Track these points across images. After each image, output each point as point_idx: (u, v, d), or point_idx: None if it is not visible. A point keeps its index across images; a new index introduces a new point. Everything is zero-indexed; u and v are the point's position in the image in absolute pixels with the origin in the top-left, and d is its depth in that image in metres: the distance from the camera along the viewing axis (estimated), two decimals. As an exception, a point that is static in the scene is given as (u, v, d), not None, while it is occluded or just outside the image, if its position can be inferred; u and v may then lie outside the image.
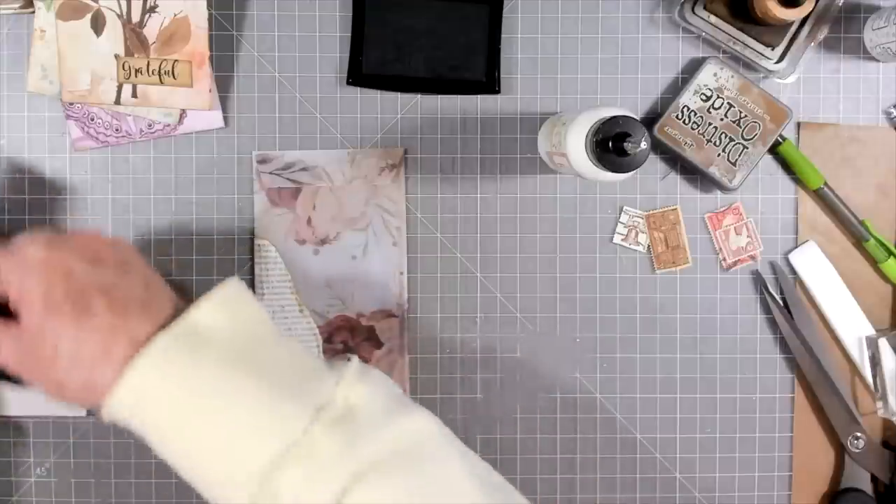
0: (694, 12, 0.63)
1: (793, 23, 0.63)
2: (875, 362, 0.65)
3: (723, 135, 0.63)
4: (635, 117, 0.51)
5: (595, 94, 0.65)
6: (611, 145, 0.51)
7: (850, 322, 0.65)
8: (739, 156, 0.63)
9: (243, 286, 0.44)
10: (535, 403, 0.66)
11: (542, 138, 0.63)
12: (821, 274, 0.65)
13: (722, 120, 0.63)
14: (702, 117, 0.63)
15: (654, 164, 0.65)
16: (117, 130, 0.64)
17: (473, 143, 0.65)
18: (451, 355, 0.65)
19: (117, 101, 0.63)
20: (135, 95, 0.63)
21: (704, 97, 0.63)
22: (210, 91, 0.63)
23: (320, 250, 0.64)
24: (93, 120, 0.63)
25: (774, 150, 0.65)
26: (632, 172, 0.52)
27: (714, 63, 0.63)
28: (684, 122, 0.63)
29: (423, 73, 0.64)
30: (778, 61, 0.64)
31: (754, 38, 0.64)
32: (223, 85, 0.64)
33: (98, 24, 0.62)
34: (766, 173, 0.65)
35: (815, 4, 0.61)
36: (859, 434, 0.64)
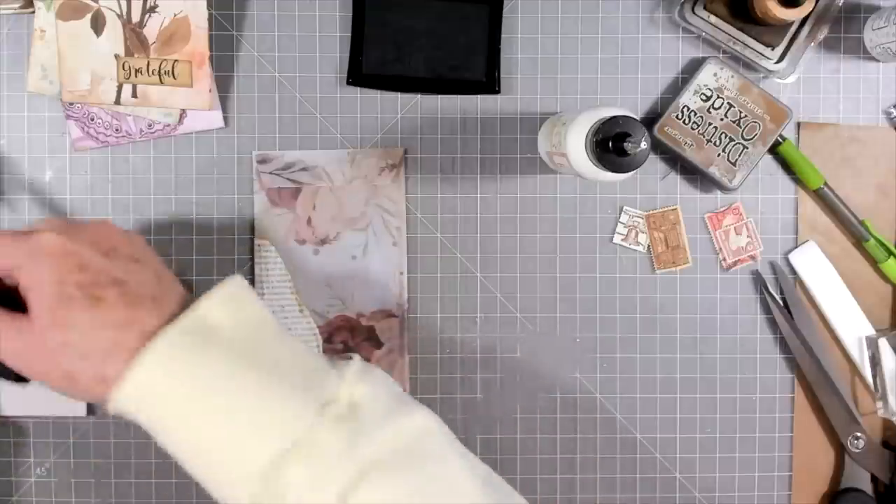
0: (694, 12, 0.63)
1: (793, 23, 0.63)
2: (875, 362, 0.65)
3: (723, 135, 0.63)
4: (635, 117, 0.51)
5: (595, 94, 0.65)
6: (611, 145, 0.51)
7: (850, 322, 0.65)
8: (739, 156, 0.63)
9: (246, 283, 0.44)
10: (535, 403, 0.66)
11: (542, 138, 0.63)
12: (821, 274, 0.65)
13: (722, 120, 0.63)
14: (702, 117, 0.63)
15: (654, 164, 0.65)
16: (117, 130, 0.64)
17: (473, 143, 0.65)
18: (451, 355, 0.65)
19: (117, 101, 0.63)
20: (135, 95, 0.63)
21: (704, 97, 0.63)
22: (210, 91, 0.63)
23: (320, 250, 0.64)
24: (93, 120, 0.63)
25: (774, 150, 0.65)
26: (632, 172, 0.52)
27: (714, 63, 0.63)
28: (684, 122, 0.63)
29: (423, 73, 0.64)
30: (778, 61, 0.64)
31: (754, 38, 0.64)
32: (223, 85, 0.64)
33: (98, 24, 0.62)
34: (766, 173, 0.65)
35: (815, 4, 0.61)
36: (859, 434, 0.64)
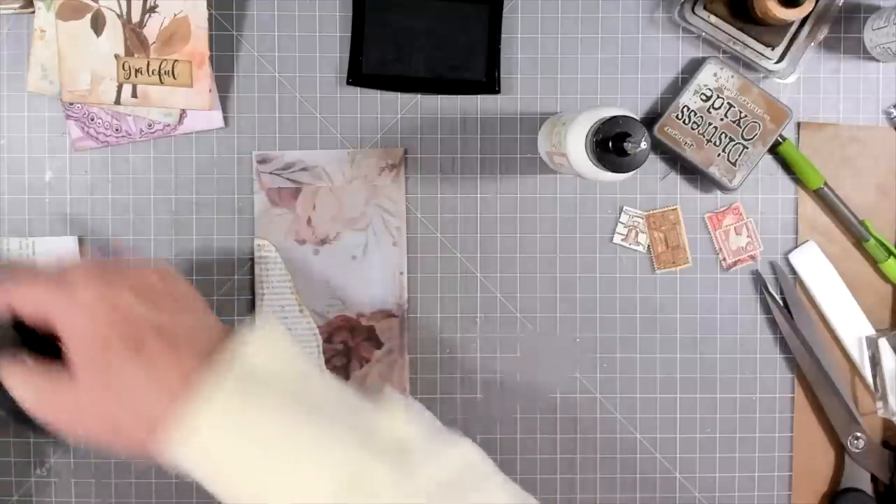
0: (694, 12, 0.63)
1: (793, 23, 0.63)
2: (875, 362, 0.64)
3: (723, 135, 0.63)
4: (635, 117, 0.51)
5: (595, 94, 0.65)
6: (611, 145, 0.51)
7: (850, 322, 0.65)
8: (739, 156, 0.63)
9: (281, 325, 0.44)
10: (535, 403, 0.66)
11: (542, 138, 0.63)
12: (821, 274, 0.65)
13: (722, 120, 0.63)
14: (702, 117, 0.63)
15: (654, 164, 0.65)
16: (117, 130, 0.64)
17: (473, 143, 0.65)
18: (451, 355, 0.65)
19: (117, 101, 0.63)
20: (135, 95, 0.63)
21: (704, 97, 0.63)
22: (210, 91, 0.63)
23: (320, 250, 0.64)
24: (93, 120, 0.63)
25: (774, 150, 0.65)
26: (632, 172, 0.52)
27: (714, 63, 0.63)
28: (684, 122, 0.63)
29: (423, 73, 0.64)
30: (778, 61, 0.64)
31: (754, 38, 0.64)
32: (223, 85, 0.64)
33: (98, 24, 0.62)
34: (766, 173, 0.65)
35: (815, 4, 0.61)
36: (859, 434, 0.64)
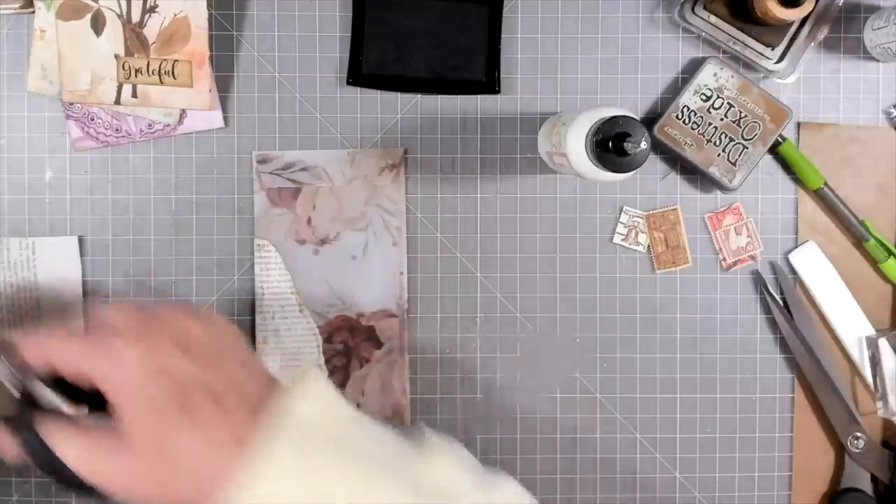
0: (694, 12, 0.63)
1: (793, 23, 0.63)
2: (875, 362, 0.64)
3: (723, 135, 0.63)
4: (635, 117, 0.51)
5: (595, 94, 0.65)
6: (611, 145, 0.51)
7: (850, 322, 0.65)
8: (739, 156, 0.63)
9: (321, 372, 0.44)
10: (535, 403, 0.66)
11: (542, 138, 0.63)
12: (821, 274, 0.65)
13: (722, 120, 0.63)
14: (702, 117, 0.63)
15: (654, 164, 0.65)
16: (117, 130, 0.64)
17: (473, 143, 0.65)
18: (451, 355, 0.65)
19: (117, 101, 0.63)
20: (135, 95, 0.63)
21: (704, 97, 0.63)
22: (210, 91, 0.63)
23: (320, 250, 0.64)
24: (93, 120, 0.63)
25: (774, 150, 0.65)
26: (632, 172, 0.52)
27: (714, 63, 0.63)
28: (684, 122, 0.63)
29: (423, 73, 0.64)
30: (778, 61, 0.64)
31: (754, 38, 0.64)
32: (223, 85, 0.64)
33: (98, 24, 0.62)
34: (766, 173, 0.65)
35: (815, 4, 0.61)
36: (859, 434, 0.64)
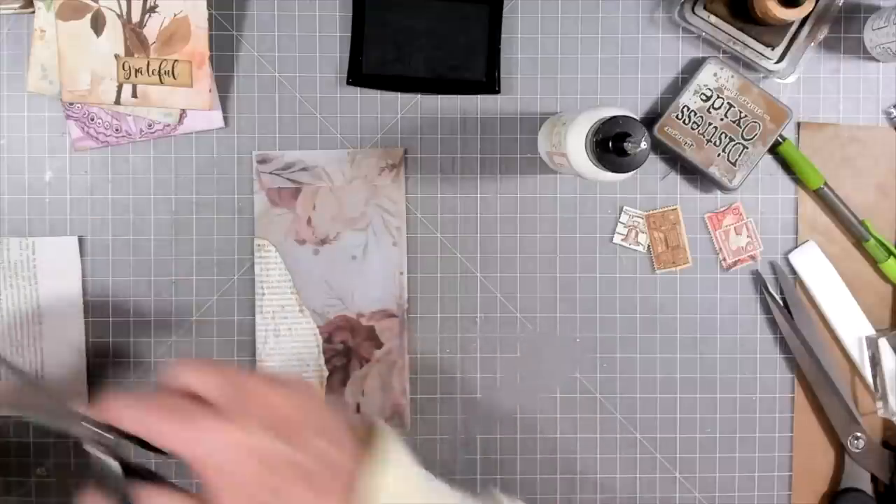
0: (694, 12, 0.63)
1: (793, 23, 0.63)
2: (875, 362, 0.64)
3: (723, 135, 0.63)
4: (635, 117, 0.51)
5: (595, 94, 0.65)
6: (611, 145, 0.51)
7: (850, 322, 0.65)
8: (739, 156, 0.63)
9: (401, 440, 0.45)
10: (535, 403, 0.66)
11: (542, 138, 0.63)
12: (821, 274, 0.65)
13: (722, 120, 0.63)
14: (702, 117, 0.63)
15: (654, 164, 0.65)
16: (117, 130, 0.64)
17: (473, 143, 0.65)
18: (451, 355, 0.65)
19: (117, 101, 0.63)
20: (135, 95, 0.63)
21: (704, 97, 0.63)
22: (210, 91, 0.63)
23: (320, 250, 0.64)
24: (93, 120, 0.63)
25: (774, 150, 0.65)
26: (632, 172, 0.52)
27: (714, 63, 0.63)
28: (684, 122, 0.63)
29: (423, 73, 0.64)
30: (778, 61, 0.64)
31: (754, 38, 0.64)
32: (223, 85, 0.64)
33: (98, 24, 0.62)
34: (766, 173, 0.65)
35: (815, 4, 0.61)
36: (859, 434, 0.64)
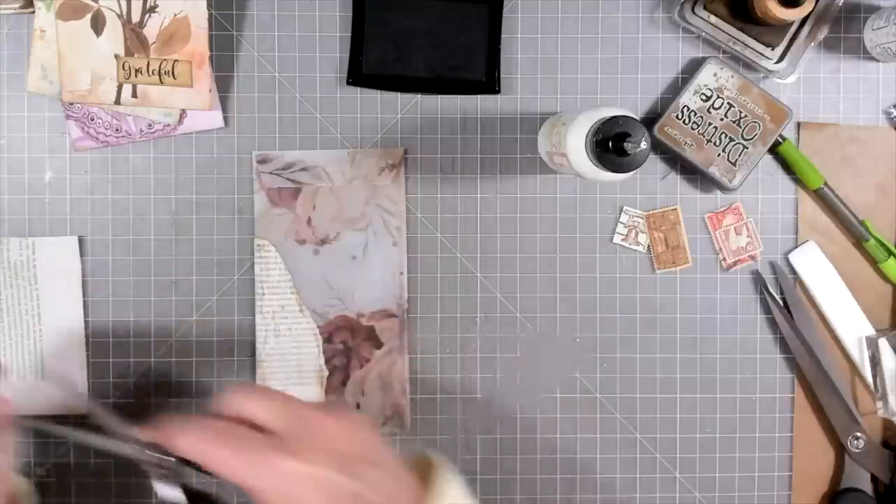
0: (694, 12, 0.63)
1: (793, 23, 0.63)
2: (875, 362, 0.64)
3: (723, 135, 0.63)
4: (635, 117, 0.51)
5: (595, 94, 0.65)
6: (611, 145, 0.51)
7: (850, 322, 0.65)
8: (739, 156, 0.63)
9: (455, 471, 0.46)
10: (535, 403, 0.66)
11: (542, 138, 0.63)
12: (821, 274, 0.65)
13: (722, 120, 0.63)
14: (702, 117, 0.63)
15: (654, 164, 0.65)
16: (117, 130, 0.64)
17: (473, 143, 0.65)
18: (451, 355, 0.65)
19: (117, 101, 0.63)
20: (135, 95, 0.63)
21: (704, 97, 0.63)
22: (210, 91, 0.63)
23: (320, 250, 0.64)
24: (93, 120, 0.63)
25: (774, 150, 0.65)
26: (632, 172, 0.52)
27: (714, 63, 0.63)
28: (684, 122, 0.63)
29: (423, 73, 0.64)
30: (778, 61, 0.64)
31: (754, 38, 0.64)
32: (223, 85, 0.64)
33: (98, 24, 0.62)
34: (766, 173, 0.65)
35: (815, 4, 0.61)
36: (859, 434, 0.64)
